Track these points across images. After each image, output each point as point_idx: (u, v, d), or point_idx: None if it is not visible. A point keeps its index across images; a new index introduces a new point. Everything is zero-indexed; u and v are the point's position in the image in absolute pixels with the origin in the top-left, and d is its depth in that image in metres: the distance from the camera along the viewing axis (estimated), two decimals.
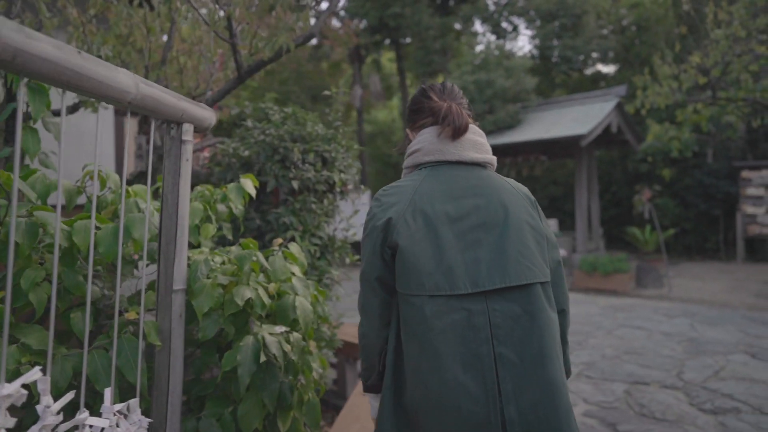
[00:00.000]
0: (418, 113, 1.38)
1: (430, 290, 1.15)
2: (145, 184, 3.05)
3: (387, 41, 13.17)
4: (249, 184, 2.19)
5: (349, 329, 4.04)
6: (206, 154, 4.31)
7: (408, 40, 12.09)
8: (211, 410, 1.68)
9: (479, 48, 9.83)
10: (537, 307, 1.16)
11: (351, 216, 3.25)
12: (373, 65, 14.16)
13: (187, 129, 1.58)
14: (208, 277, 1.64)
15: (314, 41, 11.87)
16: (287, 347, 1.67)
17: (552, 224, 11.04)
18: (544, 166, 10.25)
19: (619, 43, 12.71)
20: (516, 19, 11.75)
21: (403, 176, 1.36)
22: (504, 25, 11.52)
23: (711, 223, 11.48)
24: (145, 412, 1.50)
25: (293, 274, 2.09)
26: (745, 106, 7.90)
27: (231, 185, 2.19)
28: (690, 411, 3.39)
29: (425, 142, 1.32)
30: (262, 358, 1.54)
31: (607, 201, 12.90)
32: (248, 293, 1.65)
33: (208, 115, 1.68)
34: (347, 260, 3.18)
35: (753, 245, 10.78)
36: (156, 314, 1.58)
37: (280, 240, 2.18)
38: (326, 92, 3.37)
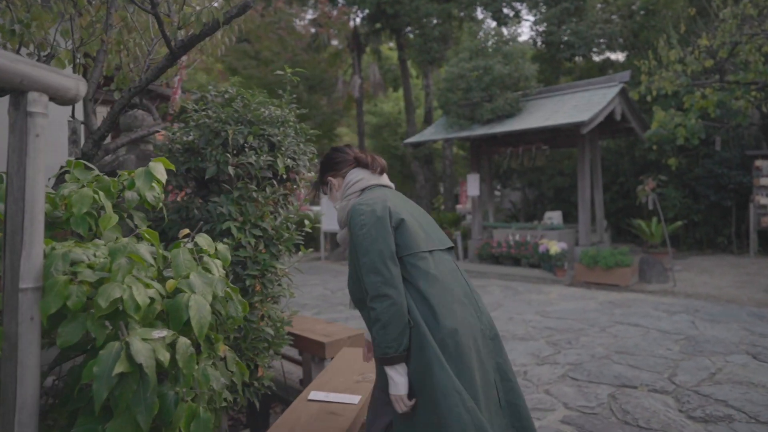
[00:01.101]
0: (342, 163, 1.92)
1: (429, 247, 1.68)
2: None
3: (387, 30, 12.85)
4: (159, 169, 1.95)
5: (310, 324, 3.80)
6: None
7: (408, 28, 11.77)
8: (81, 427, 1.45)
9: (480, 35, 9.48)
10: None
11: (299, 205, 2.99)
12: (373, 55, 13.84)
13: (35, 99, 1.33)
14: (66, 273, 1.40)
15: (312, 30, 11.59)
16: (165, 355, 1.42)
17: (555, 216, 10.68)
18: (546, 157, 9.88)
19: (627, 29, 12.24)
20: (518, 5, 11.35)
21: (348, 199, 1.83)
22: (505, 10, 11.13)
23: (722, 215, 11.02)
24: None
25: (205, 269, 1.85)
26: (755, 89, 7.46)
27: (138, 170, 1.96)
28: (677, 418, 3.09)
29: (363, 174, 1.86)
30: (118, 369, 1.30)
31: (614, 192, 12.48)
32: (117, 292, 1.41)
33: (70, 84, 1.44)
34: (300, 253, 2.93)
35: (767, 238, 10.32)
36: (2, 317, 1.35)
37: (186, 231, 1.94)
38: (278, 72, 3.11)
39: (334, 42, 13.11)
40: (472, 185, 10.69)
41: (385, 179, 1.90)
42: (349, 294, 1.80)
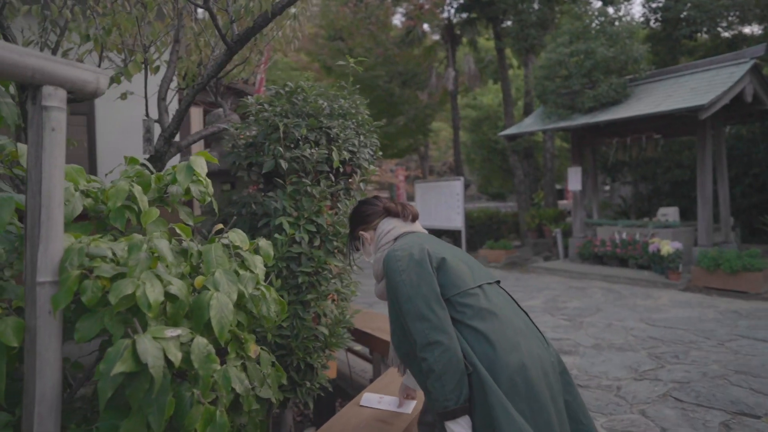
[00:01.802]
0: (373, 215, 1.88)
1: (477, 282, 1.57)
2: (156, 169, 2.95)
3: (483, 19, 12.37)
4: (200, 163, 1.93)
5: (381, 322, 3.68)
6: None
7: (505, 15, 11.22)
8: (105, 422, 1.44)
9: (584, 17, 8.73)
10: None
11: (354, 198, 2.86)
12: (469, 46, 13.38)
13: (50, 93, 1.33)
14: (83, 268, 1.39)
15: (403, 23, 11.49)
16: (176, 355, 1.36)
17: (671, 212, 9.57)
18: (660, 147, 8.89)
19: None
20: None
21: (382, 250, 1.76)
22: None
23: None
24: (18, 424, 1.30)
25: (242, 267, 1.80)
26: None
27: (180, 164, 1.95)
28: None
29: (395, 223, 1.81)
30: (119, 368, 1.26)
31: (746, 186, 10.91)
32: (129, 288, 1.37)
33: (89, 77, 1.42)
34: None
35: None
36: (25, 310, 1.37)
37: (219, 226, 1.89)
38: (340, 62, 3.01)
39: (434, 36, 12.90)
40: (574, 179, 9.95)
41: (417, 226, 1.85)
42: (395, 351, 1.64)
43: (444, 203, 12.15)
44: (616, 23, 8.36)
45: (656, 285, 7.45)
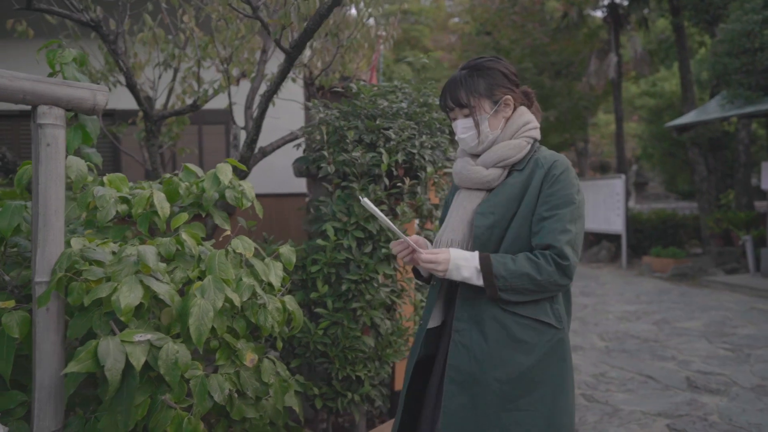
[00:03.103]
0: (518, 94, 1.54)
1: None
2: (244, 175, 3.15)
3: None
4: (225, 170, 1.99)
5: None
6: None
7: None
8: (102, 412, 1.56)
9: None
10: None
11: (417, 209, 2.67)
12: (637, 26, 11.76)
13: (44, 111, 1.47)
14: (72, 270, 1.51)
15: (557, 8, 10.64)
16: (138, 359, 1.41)
17: None
18: None
19: None
20: None
21: (524, 140, 1.47)
22: None
23: None
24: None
25: (258, 279, 1.82)
26: None
27: (209, 172, 2.03)
28: None
29: (537, 124, 1.54)
30: (71, 368, 1.33)
31: None
32: (104, 291, 1.46)
33: (85, 95, 1.55)
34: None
35: None
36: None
37: (227, 232, 1.92)
38: (408, 59, 2.86)
39: (595, 15, 11.71)
40: None
41: None
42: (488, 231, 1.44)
43: (603, 203, 10.96)
44: None
45: None
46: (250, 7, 2.40)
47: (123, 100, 3.81)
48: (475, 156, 1.53)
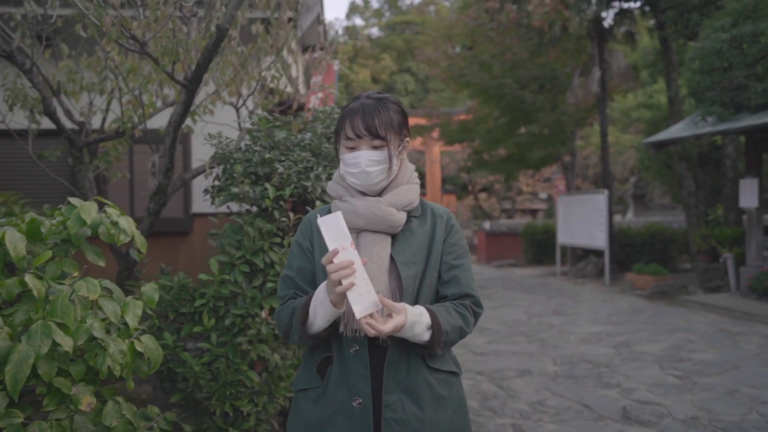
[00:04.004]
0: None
1: None
2: (162, 202, 3.16)
3: (639, 6, 10.74)
4: (90, 208, 1.99)
5: None
6: None
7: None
8: None
9: None
10: None
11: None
12: (625, 40, 11.68)
13: None
14: None
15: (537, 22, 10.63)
16: None
17: None
18: None
19: None
20: None
21: (414, 186, 1.43)
22: None
23: None
24: None
25: (98, 318, 1.81)
26: None
27: (74, 212, 2.04)
28: None
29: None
30: None
31: None
32: None
33: None
34: None
35: None
36: None
37: (76, 273, 1.91)
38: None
39: (578, 31, 11.67)
40: (748, 193, 8.03)
41: None
42: (418, 293, 1.36)
43: (587, 219, 10.85)
44: None
45: None
46: (137, 42, 2.41)
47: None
48: (369, 195, 1.37)
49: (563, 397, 4.08)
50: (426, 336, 1.27)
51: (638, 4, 10.46)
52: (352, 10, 40.45)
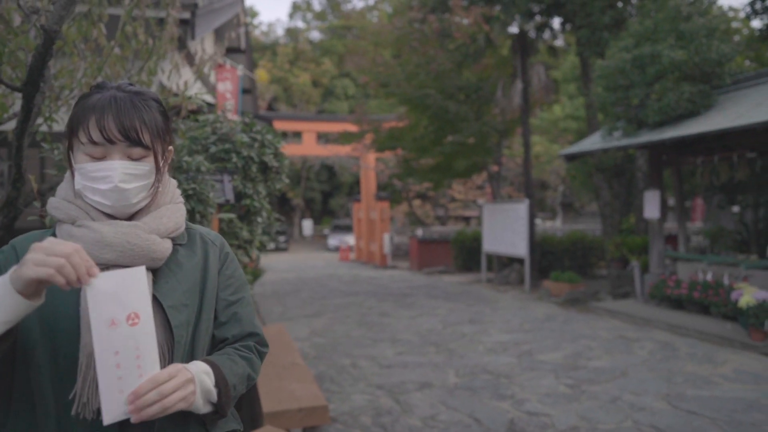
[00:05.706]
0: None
1: None
2: (12, 216, 2.87)
3: (556, 22, 11.20)
4: None
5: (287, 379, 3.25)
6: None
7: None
8: None
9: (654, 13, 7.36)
10: None
11: None
12: (548, 54, 12.15)
13: None
14: None
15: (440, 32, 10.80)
16: None
17: None
18: (758, 167, 7.19)
19: None
20: None
21: (177, 204, 1.16)
22: None
23: None
24: None
25: None
26: None
27: None
28: None
29: None
30: None
31: None
32: None
33: None
34: None
35: None
36: None
37: None
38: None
39: (503, 45, 11.98)
40: (650, 205, 8.47)
41: None
42: (180, 337, 1.05)
43: (509, 227, 11.14)
44: (693, 18, 6.90)
45: (732, 344, 5.92)
46: None
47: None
48: (119, 218, 1.05)
49: (456, 410, 4.09)
50: (208, 406, 1.02)
51: (559, 19, 10.89)
52: (295, 8, 39.98)
